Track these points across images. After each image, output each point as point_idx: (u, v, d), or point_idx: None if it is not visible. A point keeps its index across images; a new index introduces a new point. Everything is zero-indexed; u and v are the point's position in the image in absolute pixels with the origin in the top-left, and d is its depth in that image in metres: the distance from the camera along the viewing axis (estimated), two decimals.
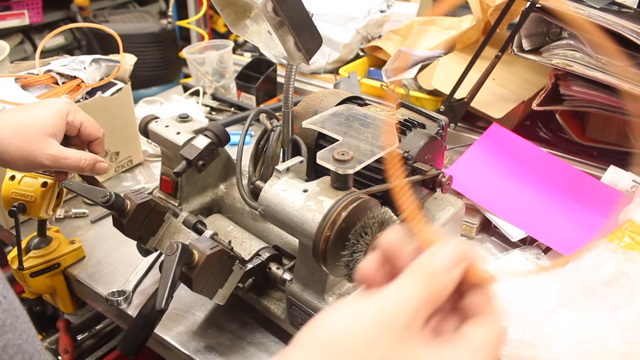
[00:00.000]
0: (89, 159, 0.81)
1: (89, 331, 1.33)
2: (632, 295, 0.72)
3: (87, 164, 0.81)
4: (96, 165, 0.82)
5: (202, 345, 0.80)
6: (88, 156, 0.81)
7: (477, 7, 1.34)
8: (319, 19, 1.57)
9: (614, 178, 1.07)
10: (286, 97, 0.79)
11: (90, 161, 0.81)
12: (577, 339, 0.70)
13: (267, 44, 0.72)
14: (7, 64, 1.29)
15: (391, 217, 0.63)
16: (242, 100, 1.51)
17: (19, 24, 2.43)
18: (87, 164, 0.81)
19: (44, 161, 0.76)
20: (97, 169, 0.83)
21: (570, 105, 1.12)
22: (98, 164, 0.83)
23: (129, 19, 2.30)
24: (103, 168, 0.84)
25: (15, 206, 0.85)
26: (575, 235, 0.97)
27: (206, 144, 0.83)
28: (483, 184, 1.06)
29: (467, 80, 1.19)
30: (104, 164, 0.84)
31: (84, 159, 0.80)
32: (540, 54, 1.11)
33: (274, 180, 0.69)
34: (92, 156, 0.82)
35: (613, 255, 0.77)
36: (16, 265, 0.90)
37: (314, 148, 0.85)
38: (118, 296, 0.88)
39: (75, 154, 0.79)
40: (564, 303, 0.76)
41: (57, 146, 0.78)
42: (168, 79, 1.77)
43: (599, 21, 0.98)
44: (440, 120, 0.84)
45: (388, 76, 1.44)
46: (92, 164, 0.82)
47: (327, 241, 0.61)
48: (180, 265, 0.65)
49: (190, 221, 0.84)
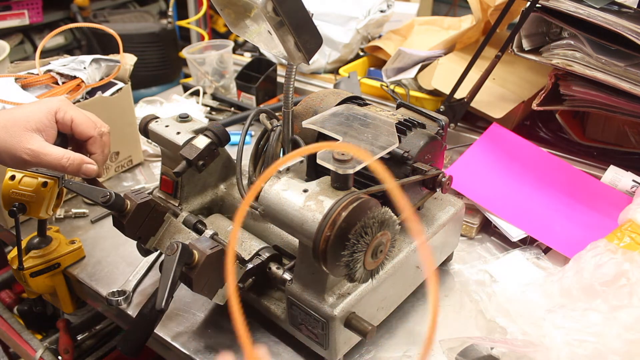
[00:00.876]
0: (73, 159, 0.76)
1: (89, 331, 1.33)
2: (631, 295, 0.72)
3: (69, 164, 0.75)
4: (82, 167, 0.77)
5: (202, 345, 0.80)
6: (72, 155, 0.76)
7: (477, 7, 1.34)
8: (319, 19, 1.57)
9: (614, 178, 1.07)
10: (286, 97, 0.79)
11: (74, 161, 0.76)
12: (576, 339, 0.70)
13: (267, 44, 0.72)
14: (7, 64, 1.29)
15: (391, 217, 0.63)
16: (242, 100, 1.51)
17: (19, 24, 2.43)
18: (70, 164, 0.76)
19: (24, 155, 0.73)
20: (83, 171, 0.78)
21: (570, 105, 1.12)
22: (85, 166, 0.77)
23: (129, 19, 2.30)
24: (91, 170, 0.78)
25: (15, 206, 0.85)
26: (575, 235, 0.97)
27: (206, 144, 0.83)
28: (483, 184, 1.06)
29: (467, 80, 1.19)
30: (92, 166, 0.79)
31: (67, 158, 0.75)
32: (540, 54, 1.11)
33: (274, 180, 0.69)
34: (77, 156, 0.77)
35: (613, 255, 0.77)
36: (16, 265, 0.90)
37: None
38: (118, 296, 0.88)
39: (57, 151, 0.75)
40: (563, 303, 0.76)
41: (40, 142, 0.74)
42: (168, 79, 1.77)
43: (599, 21, 0.98)
44: (440, 120, 0.84)
45: (388, 76, 1.44)
46: (77, 165, 0.76)
47: (327, 241, 0.61)
48: (180, 265, 0.65)
49: (190, 221, 0.84)
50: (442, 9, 3.84)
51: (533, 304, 0.79)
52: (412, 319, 0.85)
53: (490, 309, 0.83)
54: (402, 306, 0.84)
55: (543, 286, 0.81)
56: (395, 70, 1.44)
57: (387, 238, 0.64)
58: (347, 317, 0.70)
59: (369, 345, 0.80)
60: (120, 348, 0.74)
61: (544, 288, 0.81)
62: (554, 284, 0.80)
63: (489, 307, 0.84)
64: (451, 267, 0.96)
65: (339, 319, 0.69)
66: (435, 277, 0.39)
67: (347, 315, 0.70)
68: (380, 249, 0.63)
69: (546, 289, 0.80)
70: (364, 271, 0.63)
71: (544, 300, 0.79)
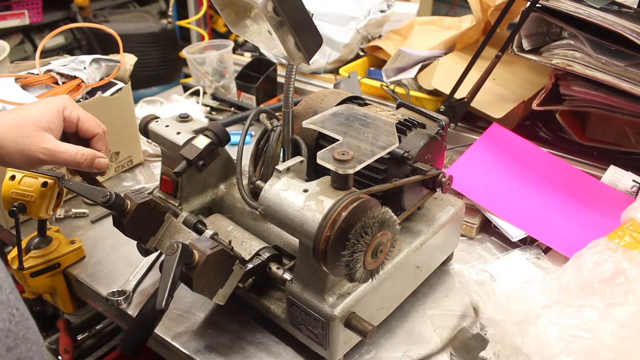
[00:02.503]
0: (87, 154, 0.79)
1: (89, 331, 1.33)
2: (627, 293, 0.73)
3: (84, 159, 0.78)
4: (95, 161, 0.80)
5: (202, 345, 0.80)
6: (86, 151, 0.78)
7: (477, 7, 1.34)
8: (319, 19, 1.57)
9: (614, 178, 1.07)
10: (286, 97, 0.79)
11: (88, 156, 0.78)
12: (571, 335, 0.70)
13: (267, 44, 0.72)
14: (7, 64, 1.29)
15: (391, 217, 0.63)
16: (242, 100, 1.51)
17: (19, 24, 2.43)
18: (85, 159, 0.78)
19: (40, 155, 0.74)
20: (96, 165, 0.80)
21: (570, 105, 1.12)
22: (97, 160, 0.80)
23: (129, 19, 2.30)
24: (103, 164, 0.81)
25: (15, 206, 0.85)
26: (575, 235, 0.97)
27: (206, 144, 0.83)
28: (483, 184, 1.06)
29: (467, 80, 1.19)
30: (104, 160, 0.82)
31: (81, 154, 0.78)
32: (540, 54, 1.11)
33: (274, 180, 0.69)
34: (90, 151, 0.79)
35: (613, 254, 0.77)
36: (16, 265, 0.90)
37: (314, 148, 0.85)
38: (118, 296, 0.88)
39: (72, 148, 0.77)
40: (561, 300, 0.77)
41: (53, 140, 0.76)
42: (168, 79, 1.77)
43: (599, 21, 0.98)
44: (440, 120, 0.84)
45: (388, 76, 1.44)
46: (90, 160, 0.79)
47: (327, 241, 0.61)
48: (180, 265, 0.65)
49: (190, 221, 0.84)
50: (442, 9, 3.84)
51: (531, 300, 0.79)
52: (412, 319, 0.85)
53: (489, 306, 0.84)
54: (402, 306, 0.84)
55: (542, 284, 0.82)
56: (395, 70, 1.44)
57: (387, 238, 0.64)
58: (347, 317, 0.70)
59: (369, 345, 0.80)
60: (120, 348, 0.74)
61: (542, 285, 0.81)
62: (553, 281, 0.80)
63: (487, 304, 0.85)
64: (451, 267, 0.96)
65: (339, 319, 0.69)
66: None
67: (347, 315, 0.70)
68: (381, 249, 0.63)
69: (545, 287, 0.81)
70: (364, 271, 0.63)
71: (543, 297, 0.79)
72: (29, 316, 0.38)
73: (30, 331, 0.37)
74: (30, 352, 0.37)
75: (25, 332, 0.37)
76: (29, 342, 0.37)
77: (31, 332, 0.37)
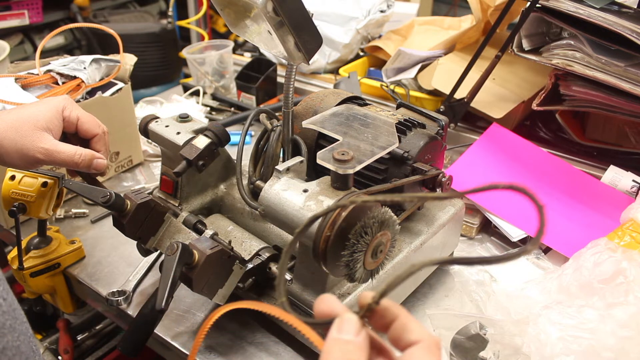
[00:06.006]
0: (85, 154, 0.78)
1: (89, 331, 1.33)
2: (627, 293, 0.73)
3: (82, 160, 0.78)
4: (93, 162, 0.80)
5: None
6: (84, 151, 0.78)
7: (477, 7, 1.34)
8: (319, 19, 1.57)
9: (614, 178, 1.07)
10: (286, 97, 0.79)
11: (86, 156, 0.78)
12: (571, 335, 0.70)
13: (267, 44, 0.72)
14: (7, 64, 1.29)
15: (391, 217, 0.63)
16: (242, 100, 1.51)
17: (19, 24, 2.42)
18: (83, 160, 0.78)
19: (38, 155, 0.75)
20: (94, 166, 0.80)
21: (570, 105, 1.12)
22: (96, 161, 0.80)
23: (129, 19, 2.30)
24: (101, 165, 0.81)
25: (15, 206, 0.85)
26: (575, 235, 0.97)
27: (206, 144, 0.83)
28: (483, 184, 1.06)
29: (467, 80, 1.19)
30: (103, 161, 0.81)
31: (79, 154, 0.78)
32: (540, 54, 1.11)
33: (274, 180, 0.69)
34: (88, 151, 0.79)
35: (612, 254, 0.78)
36: (16, 265, 0.90)
37: (314, 148, 0.85)
38: (118, 296, 0.88)
39: (70, 148, 0.77)
40: (561, 300, 0.77)
41: (51, 140, 0.76)
42: (168, 79, 1.77)
43: (599, 21, 0.98)
44: (440, 120, 0.84)
45: (388, 76, 1.44)
46: (88, 160, 0.79)
47: (327, 241, 0.61)
48: (180, 265, 0.65)
49: (190, 221, 0.84)
50: (442, 9, 3.84)
51: (531, 300, 0.79)
52: None
53: (489, 306, 0.84)
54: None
55: (542, 283, 0.82)
56: (395, 70, 1.44)
57: (387, 238, 0.64)
58: None
59: None
60: (120, 348, 0.74)
61: (542, 285, 0.81)
62: (553, 281, 0.80)
63: (487, 305, 0.85)
64: (451, 267, 0.96)
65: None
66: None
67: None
68: (380, 249, 0.63)
69: (545, 286, 0.81)
70: (364, 271, 0.63)
71: (542, 297, 0.79)
72: (17, 307, 0.38)
73: (17, 322, 0.38)
74: (17, 342, 0.37)
75: (13, 322, 0.37)
76: (16, 332, 0.37)
77: (19, 323, 0.38)
